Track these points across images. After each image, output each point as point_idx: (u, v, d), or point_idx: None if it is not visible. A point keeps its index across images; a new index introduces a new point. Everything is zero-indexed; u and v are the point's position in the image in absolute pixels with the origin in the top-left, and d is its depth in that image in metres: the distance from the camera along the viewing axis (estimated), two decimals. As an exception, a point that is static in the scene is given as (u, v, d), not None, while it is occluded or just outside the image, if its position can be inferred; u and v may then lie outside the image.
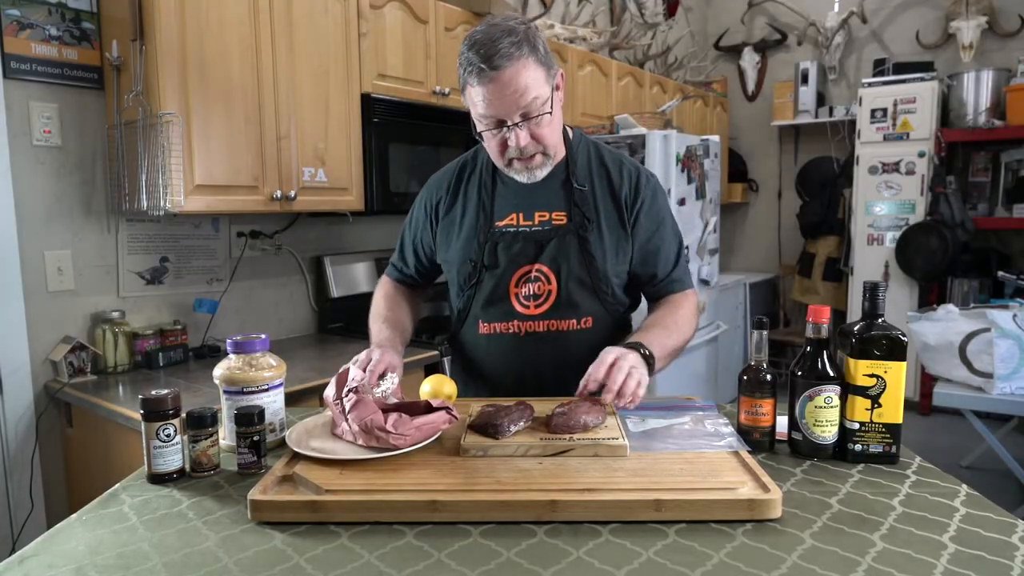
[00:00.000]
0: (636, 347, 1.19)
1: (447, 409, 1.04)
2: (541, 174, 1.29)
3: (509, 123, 1.20)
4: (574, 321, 1.33)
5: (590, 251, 1.31)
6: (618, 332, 1.37)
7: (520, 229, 1.33)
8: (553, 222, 1.33)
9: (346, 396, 1.04)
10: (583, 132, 1.43)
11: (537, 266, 1.32)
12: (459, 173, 1.42)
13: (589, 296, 1.33)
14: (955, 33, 4.29)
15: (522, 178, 1.29)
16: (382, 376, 1.16)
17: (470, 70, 1.17)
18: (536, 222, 1.33)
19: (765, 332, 1.08)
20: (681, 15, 4.95)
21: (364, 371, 1.14)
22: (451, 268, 1.40)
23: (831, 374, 1.03)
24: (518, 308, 1.33)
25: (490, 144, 1.26)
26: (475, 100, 1.20)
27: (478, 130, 1.26)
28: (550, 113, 1.22)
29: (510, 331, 1.34)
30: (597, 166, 1.37)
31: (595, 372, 1.11)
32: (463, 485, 0.89)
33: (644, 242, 1.35)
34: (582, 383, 1.13)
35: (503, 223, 1.34)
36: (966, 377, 2.54)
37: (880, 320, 1.02)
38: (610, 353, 1.13)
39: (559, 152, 1.33)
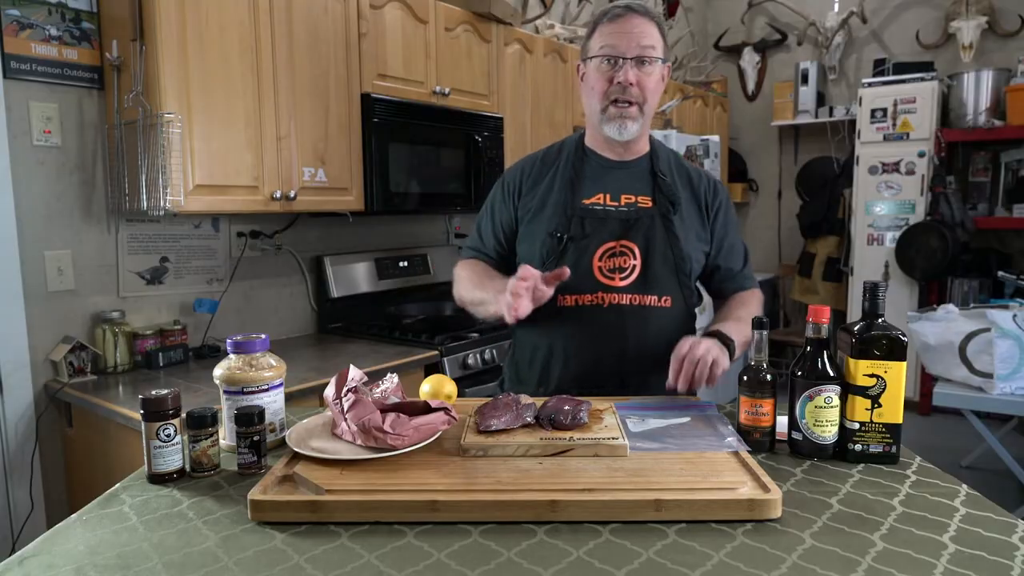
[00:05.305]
0: (718, 336, 1.26)
1: (446, 410, 1.04)
2: (629, 130, 1.36)
3: (624, 59, 1.31)
4: (655, 297, 1.37)
5: (675, 232, 1.38)
6: (690, 318, 1.44)
7: (608, 208, 1.39)
8: (639, 204, 1.40)
9: (345, 396, 1.05)
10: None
11: (623, 242, 1.37)
12: (543, 158, 1.49)
13: (670, 275, 1.38)
14: (955, 33, 4.28)
15: (611, 128, 1.36)
16: (382, 376, 1.17)
17: (607, 13, 1.33)
18: (622, 203, 1.40)
19: (765, 332, 1.08)
20: (681, 15, 4.95)
21: (523, 290, 1.15)
22: (532, 243, 1.41)
23: (831, 374, 1.03)
24: (603, 280, 1.36)
25: (597, 82, 1.35)
26: (602, 34, 1.34)
27: (588, 58, 1.37)
28: (662, 60, 1.34)
29: (594, 302, 1.36)
30: (676, 166, 1.47)
31: (687, 369, 1.18)
32: (463, 485, 0.89)
33: (722, 238, 1.47)
34: (670, 379, 1.20)
35: (590, 201, 1.40)
36: (966, 377, 2.54)
37: (880, 320, 1.02)
38: (698, 346, 1.19)
39: (647, 123, 1.39)
